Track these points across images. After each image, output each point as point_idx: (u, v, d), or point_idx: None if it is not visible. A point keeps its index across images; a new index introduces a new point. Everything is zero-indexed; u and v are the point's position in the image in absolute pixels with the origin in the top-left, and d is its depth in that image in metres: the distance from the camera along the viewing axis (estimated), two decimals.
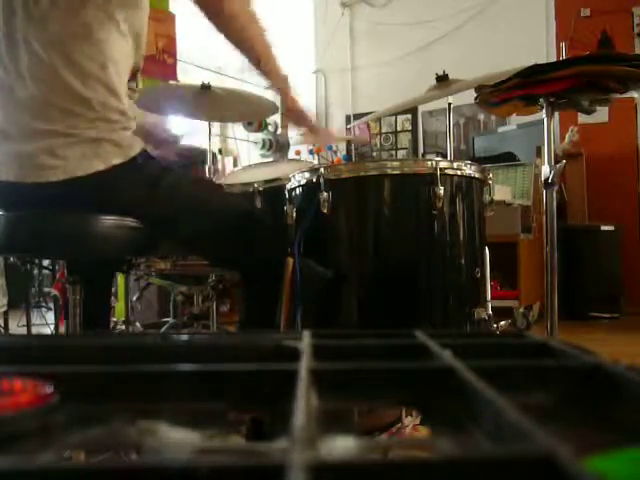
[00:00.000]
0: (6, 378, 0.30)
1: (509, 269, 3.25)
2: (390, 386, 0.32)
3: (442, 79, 1.92)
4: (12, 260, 3.08)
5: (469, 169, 1.37)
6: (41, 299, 3.91)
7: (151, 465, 0.20)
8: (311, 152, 5.28)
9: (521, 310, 3.23)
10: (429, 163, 1.33)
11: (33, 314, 3.33)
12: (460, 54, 4.71)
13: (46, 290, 3.89)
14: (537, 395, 0.32)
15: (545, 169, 1.57)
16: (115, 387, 0.31)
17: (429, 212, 1.30)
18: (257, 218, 1.42)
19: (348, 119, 5.50)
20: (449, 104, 2.10)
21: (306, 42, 5.74)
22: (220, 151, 4.50)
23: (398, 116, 5.50)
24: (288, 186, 1.46)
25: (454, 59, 4.24)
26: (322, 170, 1.33)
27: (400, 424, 1.27)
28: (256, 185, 1.71)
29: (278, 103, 1.77)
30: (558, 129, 4.21)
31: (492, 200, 1.44)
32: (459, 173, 1.35)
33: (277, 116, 4.86)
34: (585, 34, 4.26)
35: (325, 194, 1.31)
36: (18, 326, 3.33)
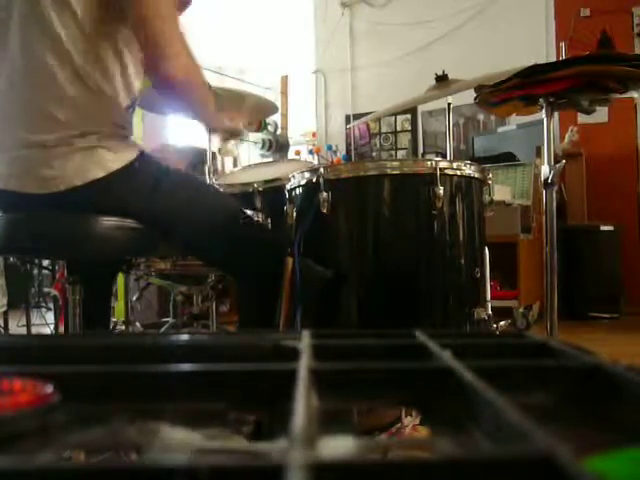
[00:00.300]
0: (6, 378, 0.30)
1: (509, 269, 3.25)
2: (390, 386, 0.32)
3: (442, 79, 1.92)
4: (12, 260, 3.08)
5: (469, 169, 1.37)
6: (41, 299, 3.91)
7: (151, 465, 0.20)
8: (311, 152, 5.28)
9: (521, 310, 3.23)
10: (429, 163, 1.33)
11: (33, 314, 3.33)
12: (460, 54, 4.71)
13: (46, 290, 3.89)
14: (537, 395, 0.32)
15: (545, 169, 1.57)
16: (115, 387, 0.31)
17: (429, 212, 1.30)
18: (255, 219, 1.42)
19: (348, 119, 5.50)
20: (449, 104, 2.10)
21: (306, 42, 5.73)
22: (220, 151, 4.49)
23: (398, 116, 5.49)
24: (288, 186, 1.46)
25: (454, 59, 4.23)
26: (322, 170, 1.33)
27: (400, 424, 1.27)
28: (256, 185, 1.71)
29: (278, 104, 1.77)
30: (558, 129, 4.21)
31: (492, 200, 1.44)
32: (459, 173, 1.35)
33: (277, 116, 4.86)
34: (585, 34, 4.26)
35: (325, 194, 1.31)
36: (18, 326, 3.33)
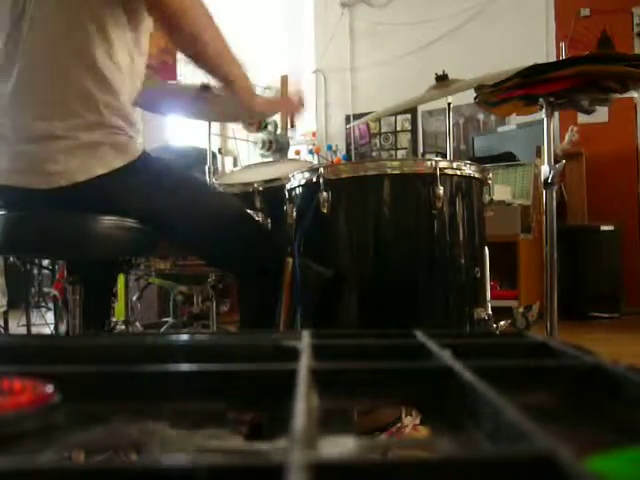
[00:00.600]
0: (6, 378, 0.30)
1: (509, 269, 3.25)
2: (390, 386, 0.32)
3: (442, 79, 1.93)
4: (12, 260, 3.08)
5: (469, 169, 1.37)
6: (41, 299, 3.91)
7: (151, 465, 0.20)
8: (311, 152, 5.28)
9: (521, 310, 3.23)
10: (429, 163, 1.33)
11: (33, 314, 3.33)
12: (460, 54, 4.71)
13: (46, 290, 3.89)
14: (537, 395, 0.32)
15: (545, 169, 1.57)
16: (115, 387, 0.31)
17: (429, 212, 1.30)
18: (255, 219, 1.42)
19: (348, 119, 5.50)
20: (449, 104, 2.10)
21: (306, 42, 5.73)
22: (220, 151, 4.50)
23: (398, 116, 5.49)
24: (288, 186, 1.46)
25: (454, 59, 4.23)
26: (322, 170, 1.33)
27: (400, 424, 1.27)
28: (256, 185, 1.71)
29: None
30: (558, 129, 4.21)
31: (492, 200, 1.44)
32: (459, 173, 1.35)
33: (277, 116, 4.85)
34: (585, 34, 4.26)
35: (325, 194, 1.31)
36: (18, 326, 3.33)
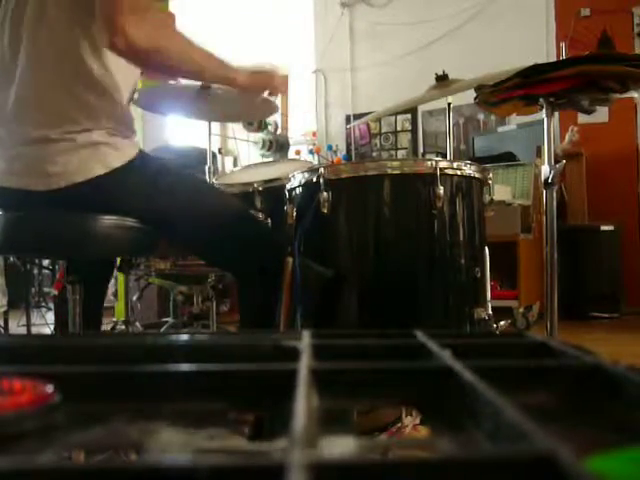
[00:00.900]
0: (6, 378, 0.30)
1: (509, 269, 3.25)
2: (390, 386, 0.32)
3: (442, 79, 1.92)
4: (12, 260, 3.09)
5: (469, 169, 1.37)
6: (41, 299, 3.91)
7: (151, 465, 0.20)
8: (311, 152, 5.28)
9: (521, 310, 3.23)
10: (429, 163, 1.33)
11: (33, 314, 3.33)
12: (460, 54, 4.71)
13: (46, 290, 3.89)
14: (537, 395, 0.32)
15: (545, 169, 1.57)
16: (115, 387, 0.31)
17: (429, 212, 1.30)
18: (255, 219, 1.42)
19: (348, 119, 5.50)
20: (449, 104, 2.10)
21: (306, 42, 5.73)
22: (220, 151, 4.49)
23: (398, 116, 5.49)
24: (288, 186, 1.46)
25: (454, 59, 4.23)
26: (322, 170, 1.33)
27: (400, 424, 1.27)
28: (256, 185, 1.71)
29: (278, 103, 1.76)
30: (558, 129, 4.21)
31: (492, 200, 1.44)
32: (459, 173, 1.35)
33: (277, 116, 4.85)
34: (585, 34, 4.26)
35: (325, 194, 1.31)
36: (18, 326, 3.33)
